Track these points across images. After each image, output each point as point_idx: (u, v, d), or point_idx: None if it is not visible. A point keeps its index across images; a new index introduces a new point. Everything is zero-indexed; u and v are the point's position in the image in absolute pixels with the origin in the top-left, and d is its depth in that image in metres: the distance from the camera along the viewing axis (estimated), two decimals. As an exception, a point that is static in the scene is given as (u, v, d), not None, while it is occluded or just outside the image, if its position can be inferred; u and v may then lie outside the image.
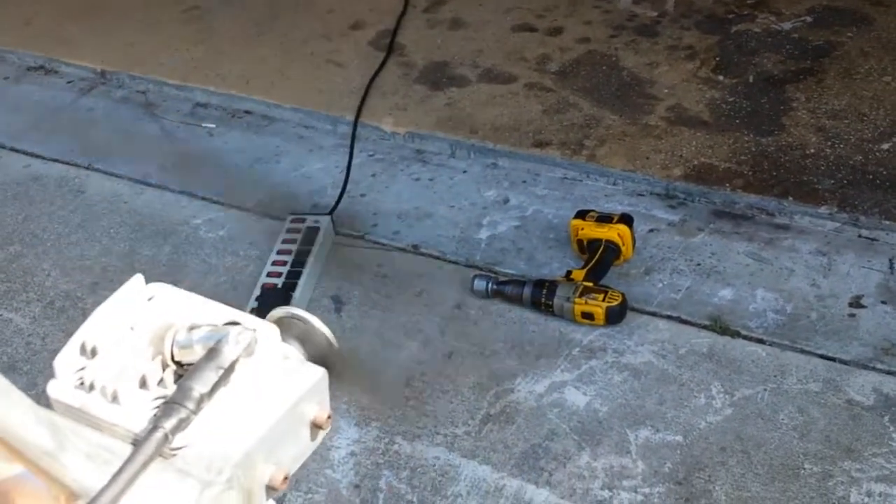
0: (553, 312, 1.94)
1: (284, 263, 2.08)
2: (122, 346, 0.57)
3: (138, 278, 0.61)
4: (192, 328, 0.57)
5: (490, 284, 2.00)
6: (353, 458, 1.72)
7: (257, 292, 2.03)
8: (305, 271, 2.06)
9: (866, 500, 1.57)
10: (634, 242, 2.06)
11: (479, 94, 2.61)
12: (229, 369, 0.56)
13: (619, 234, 2.02)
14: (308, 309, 2.02)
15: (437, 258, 2.16)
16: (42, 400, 0.51)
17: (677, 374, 1.82)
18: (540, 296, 1.95)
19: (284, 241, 2.15)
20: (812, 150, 2.29)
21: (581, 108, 2.52)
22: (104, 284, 2.16)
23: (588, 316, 1.91)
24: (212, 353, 0.56)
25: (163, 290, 0.61)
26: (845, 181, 2.19)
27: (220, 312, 0.60)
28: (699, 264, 2.07)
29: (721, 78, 2.58)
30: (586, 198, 2.28)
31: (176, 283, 0.62)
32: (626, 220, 2.05)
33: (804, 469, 1.63)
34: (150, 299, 0.60)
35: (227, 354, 0.55)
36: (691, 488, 1.62)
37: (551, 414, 1.77)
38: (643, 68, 2.65)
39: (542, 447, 1.71)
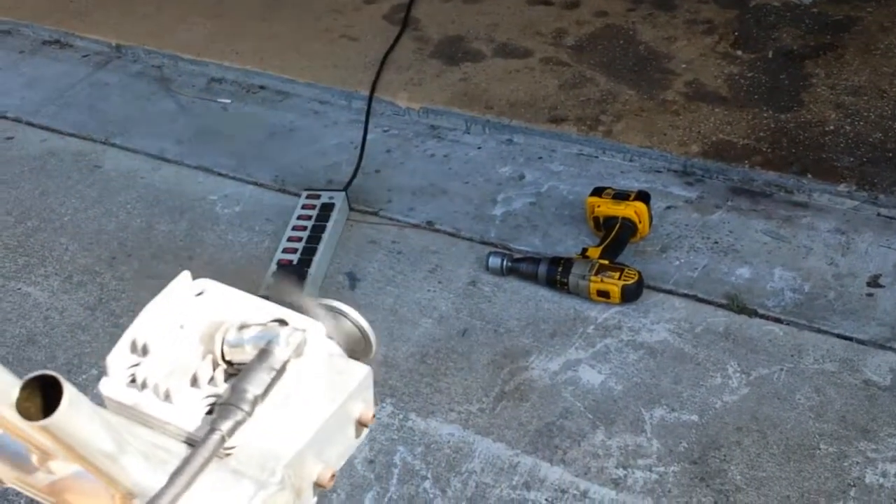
0: (568, 290, 1.95)
1: (300, 240, 2.09)
2: (172, 344, 0.58)
3: (185, 275, 0.61)
4: (241, 327, 0.58)
5: (505, 262, 2.00)
6: (367, 434, 1.74)
7: (273, 268, 2.04)
8: (321, 248, 2.07)
9: (881, 480, 1.59)
10: (651, 220, 2.06)
11: (494, 68, 2.59)
12: (281, 370, 0.56)
13: (635, 212, 2.02)
14: (323, 285, 2.04)
15: (452, 235, 2.16)
16: (62, 372, 0.51)
17: (693, 353, 1.83)
18: (555, 273, 1.95)
19: (300, 218, 2.15)
20: (831, 127, 2.27)
21: (597, 83, 2.50)
22: (122, 259, 2.17)
23: (604, 294, 1.92)
24: (263, 354, 0.56)
25: (210, 285, 0.62)
26: (865, 159, 2.18)
27: (267, 310, 0.60)
28: (716, 242, 2.06)
29: (740, 53, 2.56)
30: (602, 174, 2.27)
31: (192, 259, 0.63)
32: (643, 197, 2.05)
33: (820, 449, 1.64)
34: (198, 295, 0.61)
35: (279, 356, 0.56)
36: (706, 468, 1.63)
37: (566, 392, 1.78)
38: (661, 42, 2.62)
39: (557, 425, 1.72)
